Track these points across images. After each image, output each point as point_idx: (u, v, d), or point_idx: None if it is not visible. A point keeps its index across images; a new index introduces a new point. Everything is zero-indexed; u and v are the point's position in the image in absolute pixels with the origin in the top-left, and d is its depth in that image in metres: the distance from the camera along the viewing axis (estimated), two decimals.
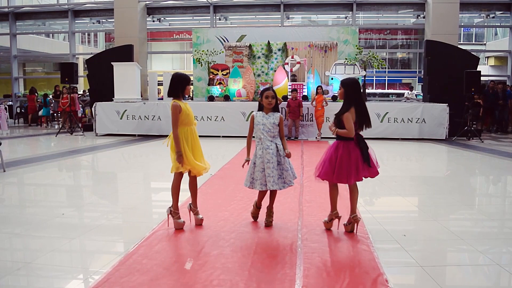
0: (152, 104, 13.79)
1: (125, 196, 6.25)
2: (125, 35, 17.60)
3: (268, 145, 4.31)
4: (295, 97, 12.73)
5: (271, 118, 4.38)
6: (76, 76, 14.33)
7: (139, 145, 11.84)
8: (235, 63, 15.47)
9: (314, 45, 15.22)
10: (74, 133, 14.52)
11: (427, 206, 5.62)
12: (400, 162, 9.71)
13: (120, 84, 14.26)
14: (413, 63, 33.33)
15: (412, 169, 8.84)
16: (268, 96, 4.38)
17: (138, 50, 17.40)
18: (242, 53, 15.62)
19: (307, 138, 13.00)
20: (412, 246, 4.04)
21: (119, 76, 14.28)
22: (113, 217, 5.07)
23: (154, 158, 10.01)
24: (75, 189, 6.87)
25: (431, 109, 12.86)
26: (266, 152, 4.30)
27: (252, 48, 15.54)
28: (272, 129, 4.35)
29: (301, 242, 4.03)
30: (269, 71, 15.51)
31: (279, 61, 15.40)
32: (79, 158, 9.70)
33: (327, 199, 4.49)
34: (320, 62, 15.25)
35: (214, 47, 15.99)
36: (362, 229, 4.40)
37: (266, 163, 4.27)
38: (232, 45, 15.72)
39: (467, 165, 9.20)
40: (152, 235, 4.23)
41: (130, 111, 13.77)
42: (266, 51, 15.49)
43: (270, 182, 4.25)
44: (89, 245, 4.13)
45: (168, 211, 4.51)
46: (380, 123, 12.85)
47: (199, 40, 16.70)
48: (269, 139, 4.33)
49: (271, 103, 4.38)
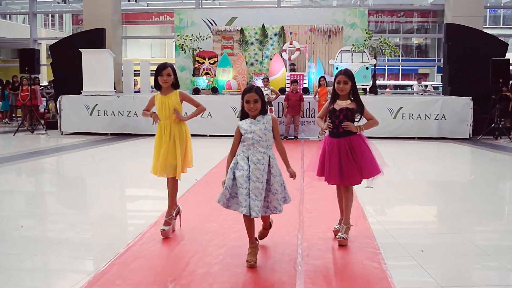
0: (128, 97, 13.74)
1: (96, 205, 6.20)
2: (96, 17, 17.47)
3: (259, 159, 3.87)
4: (295, 90, 12.73)
5: (261, 123, 3.90)
6: (38, 65, 14.22)
7: (112, 145, 11.79)
8: (224, 50, 15.45)
9: (316, 29, 15.24)
10: (36, 132, 14.42)
11: (448, 216, 5.63)
12: (416, 164, 9.73)
13: (90, 75, 14.17)
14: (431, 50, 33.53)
15: (430, 173, 8.86)
16: (249, 100, 3.85)
17: (111, 34, 17.29)
18: (232, 39, 15.60)
19: (308, 138, 13.01)
20: (431, 263, 4.04)
21: (89, 65, 14.19)
22: (81, 230, 5.03)
23: (130, 161, 9.98)
24: (36, 197, 6.83)
25: (452, 103, 12.91)
26: (255, 168, 3.83)
27: (244, 32, 15.53)
28: (264, 137, 3.88)
29: (301, 259, 4.02)
30: (264, 59, 15.51)
31: (276, 48, 15.40)
32: (42, 160, 9.64)
33: (331, 208, 4.49)
34: (323, 49, 15.27)
35: (200, 32, 15.93)
36: (372, 244, 4.40)
37: (253, 182, 3.81)
38: (221, 29, 15.71)
39: (494, 168, 9.24)
40: (128, 251, 4.20)
41: (102, 106, 13.70)
42: (261, 36, 15.49)
43: (254, 209, 3.76)
44: (54, 263, 4.09)
45: None
46: (393, 119, 12.88)
47: (182, 23, 16.67)
48: (261, 151, 3.89)
49: (254, 109, 3.87)
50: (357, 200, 5.58)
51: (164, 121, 4.63)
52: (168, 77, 4.54)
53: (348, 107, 4.35)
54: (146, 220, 5.23)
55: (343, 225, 4.46)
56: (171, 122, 4.61)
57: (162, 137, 4.63)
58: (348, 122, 4.34)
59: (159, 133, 4.67)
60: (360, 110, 4.38)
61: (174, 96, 4.61)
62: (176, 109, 4.58)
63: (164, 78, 4.54)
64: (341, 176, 4.33)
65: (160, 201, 4.56)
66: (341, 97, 4.41)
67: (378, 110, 11.43)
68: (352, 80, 4.37)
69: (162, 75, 4.53)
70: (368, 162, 4.32)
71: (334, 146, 4.35)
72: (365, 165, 4.31)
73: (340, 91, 4.38)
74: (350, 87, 4.37)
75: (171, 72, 4.55)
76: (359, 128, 4.35)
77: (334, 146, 4.35)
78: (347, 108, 4.35)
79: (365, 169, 4.32)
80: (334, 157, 4.34)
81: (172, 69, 4.58)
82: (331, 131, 4.40)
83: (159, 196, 6.20)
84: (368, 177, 4.37)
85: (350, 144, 4.32)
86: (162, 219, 4.76)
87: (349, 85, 4.36)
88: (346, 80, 4.35)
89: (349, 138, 4.34)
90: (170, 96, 4.60)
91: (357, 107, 4.37)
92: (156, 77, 4.58)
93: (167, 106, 4.58)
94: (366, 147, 4.37)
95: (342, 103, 4.38)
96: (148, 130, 12.24)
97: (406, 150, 11.19)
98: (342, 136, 4.35)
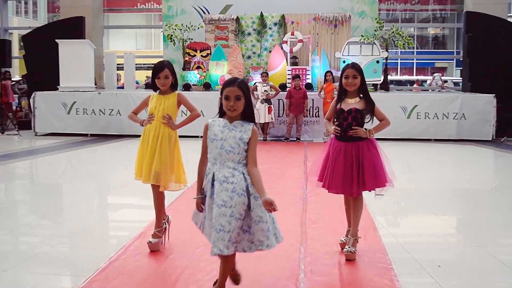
0: (110, 94, 13.75)
1: (74, 215, 6.19)
2: (74, 4, 17.47)
3: (227, 176, 3.34)
4: (298, 86, 12.74)
5: (236, 131, 3.39)
6: (9, 58, 14.24)
7: (93, 147, 11.79)
8: (218, 41, 15.47)
9: (320, 18, 15.26)
10: (6, 132, 14.43)
11: (468, 228, 5.64)
12: (433, 170, 9.75)
13: (68, 68, 14.16)
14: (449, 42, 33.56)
15: (448, 179, 8.86)
16: (229, 96, 3.36)
17: (91, 23, 17.30)
18: (227, 29, 15.62)
19: (311, 139, 13.04)
20: (449, 279, 4.04)
21: (66, 57, 14.17)
22: (57, 243, 5.02)
23: (113, 165, 9.97)
24: (7, 206, 6.81)
25: (472, 101, 12.93)
26: (221, 188, 3.32)
27: (240, 21, 15.55)
28: (236, 148, 3.35)
29: (304, 276, 4.02)
30: (262, 51, 15.53)
31: (276, 39, 15.42)
32: (13, 164, 9.63)
33: (338, 218, 4.49)
34: (328, 40, 15.30)
35: (191, 21, 15.96)
36: (383, 258, 4.40)
37: (218, 208, 3.29)
38: (214, 18, 15.72)
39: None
40: (109, 266, 4.19)
41: (81, 104, 13.70)
42: (259, 26, 15.51)
43: (218, 244, 3.28)
44: (26, 280, 4.07)
45: None
46: (407, 119, 12.90)
47: (171, 11, 16.68)
48: (230, 166, 3.36)
49: (233, 108, 3.37)
50: (366, 210, 5.57)
51: (155, 121, 4.65)
52: (166, 79, 4.59)
53: (357, 108, 4.34)
54: (130, 231, 5.22)
55: (350, 237, 4.45)
56: (161, 123, 4.63)
57: (149, 138, 4.65)
58: (357, 128, 4.32)
59: (147, 133, 4.69)
60: (370, 109, 4.37)
61: (172, 98, 4.67)
62: (168, 115, 4.60)
63: (162, 81, 4.59)
64: (344, 185, 4.33)
65: (146, 210, 4.55)
66: (349, 94, 4.40)
67: (390, 108, 11.46)
68: (361, 75, 4.37)
69: (160, 78, 4.58)
70: (375, 171, 4.31)
71: (339, 151, 4.35)
72: (371, 175, 4.29)
73: (348, 86, 4.37)
74: (359, 82, 4.37)
75: (169, 74, 4.59)
76: (369, 132, 4.34)
77: (340, 151, 4.35)
78: (356, 109, 4.34)
79: (370, 179, 4.30)
80: (339, 163, 4.34)
81: (170, 69, 4.62)
82: (338, 135, 4.40)
83: (144, 205, 6.20)
84: (373, 188, 4.37)
85: (358, 150, 4.31)
86: (148, 230, 4.76)
87: (358, 80, 4.35)
88: (355, 74, 4.34)
89: (358, 144, 4.33)
90: (168, 97, 4.67)
91: (367, 105, 4.36)
92: (153, 79, 4.63)
93: (162, 107, 4.63)
94: (376, 154, 4.36)
95: (351, 102, 4.37)
96: (133, 131, 12.24)
97: (421, 153, 11.20)
98: (349, 141, 4.34)
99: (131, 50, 24.10)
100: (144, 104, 4.86)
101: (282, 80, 14.08)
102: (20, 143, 12.67)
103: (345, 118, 4.35)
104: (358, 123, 4.35)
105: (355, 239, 4.44)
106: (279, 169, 8.69)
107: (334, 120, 4.49)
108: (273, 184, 7.41)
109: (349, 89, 4.38)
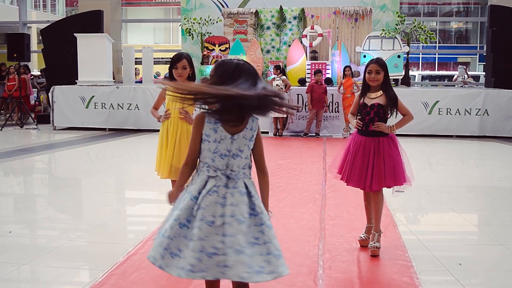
0: (128, 88, 13.80)
1: (92, 209, 6.23)
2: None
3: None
4: (319, 81, 12.69)
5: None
6: (27, 52, 14.33)
7: (111, 142, 11.86)
8: (237, 35, 15.46)
9: (341, 12, 15.18)
10: (25, 126, 14.56)
11: (490, 225, 5.60)
12: (454, 166, 9.68)
13: (86, 63, 14.26)
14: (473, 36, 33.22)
15: (470, 177, 8.81)
16: None
17: (109, 17, 17.40)
18: (246, 22, 15.60)
19: (331, 135, 12.98)
20: (470, 278, 4.02)
21: (85, 51, 14.27)
22: (75, 237, 5.06)
23: (130, 160, 10.03)
24: (26, 200, 6.89)
25: (496, 97, 12.80)
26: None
27: (259, 15, 15.52)
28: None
29: (322, 272, 4.02)
30: (281, 46, 15.50)
31: (295, 33, 15.38)
32: (32, 158, 9.72)
33: (357, 215, 4.48)
34: (348, 34, 15.22)
35: (210, 14, 15.99)
36: (403, 256, 4.38)
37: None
38: (233, 12, 15.71)
39: None
40: (127, 261, 4.22)
41: (99, 98, 13.77)
42: (278, 20, 15.47)
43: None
44: (44, 273, 4.12)
45: None
46: (428, 115, 12.80)
47: (189, 4, 16.72)
48: None
49: None
50: (386, 207, 5.54)
51: (173, 116, 4.69)
52: (183, 70, 4.59)
53: (380, 103, 4.33)
54: (148, 226, 5.27)
55: (374, 232, 4.44)
56: (179, 119, 4.65)
57: (168, 133, 4.69)
58: (380, 123, 4.32)
59: (165, 129, 4.72)
60: (393, 104, 4.36)
61: None
62: (184, 109, 4.62)
63: (179, 71, 4.59)
64: (359, 179, 4.35)
65: (163, 205, 4.56)
66: (372, 88, 4.40)
67: (411, 104, 11.28)
68: (385, 70, 4.36)
69: (177, 68, 4.59)
70: (394, 169, 4.29)
71: (359, 145, 4.36)
72: (390, 172, 4.29)
73: (371, 82, 4.37)
74: (382, 78, 4.37)
75: (186, 65, 4.59)
76: (391, 128, 4.34)
77: (360, 145, 4.36)
78: (378, 105, 4.33)
79: (389, 176, 4.30)
80: (358, 157, 4.35)
81: (188, 61, 4.62)
82: (359, 128, 4.41)
83: (162, 200, 6.22)
84: (391, 186, 4.37)
85: (378, 145, 4.31)
86: None
87: (382, 76, 4.34)
88: (378, 69, 4.33)
89: (378, 139, 4.32)
90: None
91: (389, 100, 4.35)
92: (171, 69, 4.64)
93: None
94: (396, 152, 4.35)
95: (374, 96, 4.36)
96: (151, 126, 12.32)
97: (443, 150, 11.12)
98: (370, 136, 4.34)
99: (149, 44, 24.16)
100: (162, 98, 4.89)
101: (301, 74, 14.05)
102: (39, 137, 12.79)
103: (368, 112, 4.36)
104: (380, 118, 4.35)
105: (379, 235, 4.45)
106: (297, 165, 8.68)
107: (358, 115, 4.49)
108: (291, 179, 7.41)
109: (371, 84, 4.38)
